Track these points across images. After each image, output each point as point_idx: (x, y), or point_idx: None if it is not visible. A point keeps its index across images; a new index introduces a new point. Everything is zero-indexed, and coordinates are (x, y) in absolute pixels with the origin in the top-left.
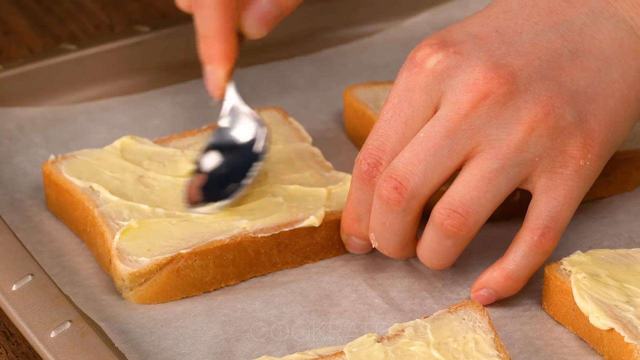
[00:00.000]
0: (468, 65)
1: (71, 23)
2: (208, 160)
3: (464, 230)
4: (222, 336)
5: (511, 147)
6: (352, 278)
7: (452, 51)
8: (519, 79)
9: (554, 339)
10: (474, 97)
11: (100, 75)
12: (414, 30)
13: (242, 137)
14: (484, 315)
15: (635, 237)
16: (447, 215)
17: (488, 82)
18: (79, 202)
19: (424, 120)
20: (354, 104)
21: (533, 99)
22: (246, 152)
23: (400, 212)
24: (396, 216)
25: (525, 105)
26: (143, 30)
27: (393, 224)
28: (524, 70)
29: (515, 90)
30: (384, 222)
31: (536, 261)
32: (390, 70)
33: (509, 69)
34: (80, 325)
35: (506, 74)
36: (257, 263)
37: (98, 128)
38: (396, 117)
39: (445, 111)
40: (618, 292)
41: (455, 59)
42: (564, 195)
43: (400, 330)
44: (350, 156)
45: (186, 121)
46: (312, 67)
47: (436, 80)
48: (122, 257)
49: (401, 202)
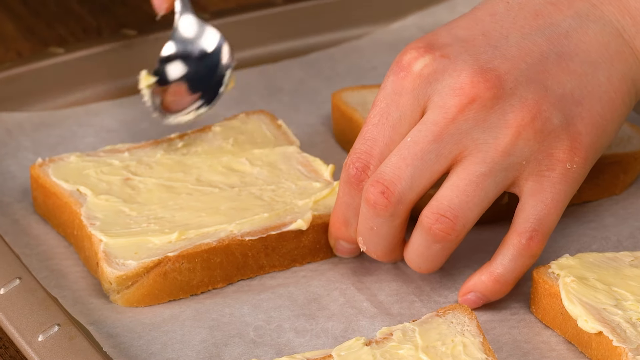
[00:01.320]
0: (454, 69)
1: (59, 27)
2: (171, 69)
3: (452, 235)
4: (210, 341)
5: (499, 150)
6: (340, 282)
7: (438, 54)
8: (505, 83)
9: (542, 342)
10: (461, 101)
11: (89, 79)
12: (402, 33)
13: (199, 45)
14: (473, 319)
15: (624, 240)
16: (436, 219)
17: (475, 86)
18: (66, 205)
19: (412, 124)
20: (342, 107)
21: (520, 102)
22: (209, 60)
23: (387, 217)
24: (384, 221)
25: (511, 109)
26: (130, 34)
27: (380, 229)
28: (510, 73)
29: (501, 94)
30: (372, 227)
31: (524, 264)
32: (378, 73)
33: (495, 73)
34: (68, 328)
35: (493, 78)
36: (244, 266)
37: (86, 132)
38: (384, 121)
39: (433, 115)
40: (606, 296)
41: (442, 63)
42: (551, 198)
43: (388, 333)
44: (339, 160)
45: (174, 125)
46: (300, 71)
47: (423, 84)
48: (109, 260)
49: (388, 207)
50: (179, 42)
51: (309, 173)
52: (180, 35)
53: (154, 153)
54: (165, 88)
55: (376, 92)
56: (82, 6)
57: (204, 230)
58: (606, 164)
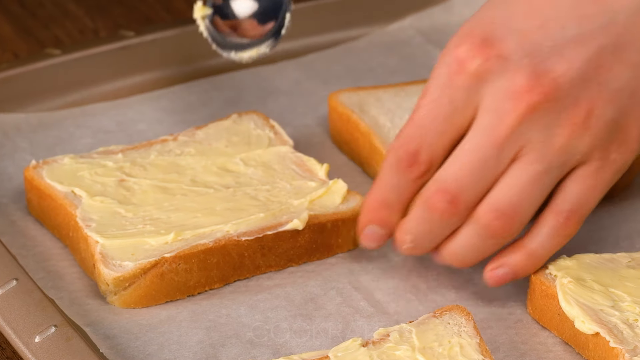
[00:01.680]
0: (510, 71)
1: (56, 28)
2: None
3: (510, 231)
4: (207, 342)
5: (555, 149)
6: (337, 281)
7: (494, 54)
8: (561, 86)
9: (539, 343)
10: (516, 106)
11: (86, 80)
12: (398, 34)
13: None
14: (469, 320)
15: (621, 241)
16: (495, 217)
17: (530, 91)
18: (61, 207)
19: (464, 119)
20: (339, 109)
21: (574, 102)
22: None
23: (452, 222)
24: (446, 225)
25: (566, 109)
26: (128, 35)
27: (440, 231)
28: (565, 75)
29: (556, 97)
30: (430, 230)
31: (558, 243)
32: (375, 74)
33: (551, 76)
34: (65, 330)
35: (548, 81)
36: (241, 266)
37: (83, 133)
38: (436, 111)
39: (488, 119)
40: (603, 297)
41: (497, 63)
42: (594, 184)
43: (385, 334)
44: (335, 160)
45: (170, 126)
46: (296, 72)
47: (477, 84)
48: (106, 262)
49: (455, 214)
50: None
51: (304, 172)
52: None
53: (147, 154)
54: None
55: (373, 94)
56: (79, 7)
57: (200, 231)
58: None
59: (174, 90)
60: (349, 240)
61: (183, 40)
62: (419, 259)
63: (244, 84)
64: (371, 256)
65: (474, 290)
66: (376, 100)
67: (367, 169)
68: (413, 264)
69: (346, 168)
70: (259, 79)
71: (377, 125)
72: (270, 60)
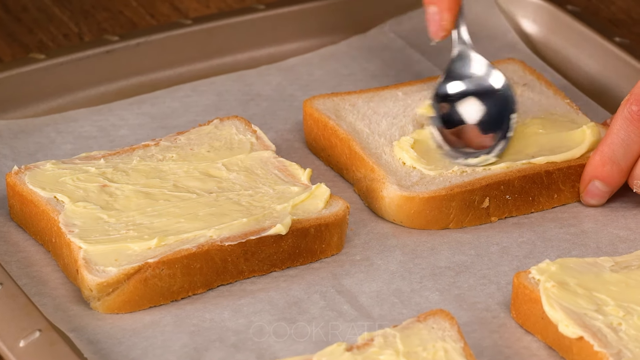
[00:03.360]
0: None
1: (40, 32)
2: (458, 107)
3: None
4: (191, 346)
5: None
6: (320, 285)
7: None
8: None
9: (523, 347)
10: None
11: (70, 84)
12: (379, 38)
13: (487, 84)
14: (453, 324)
15: (603, 247)
16: None
17: None
18: (44, 212)
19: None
20: (314, 115)
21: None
22: (491, 100)
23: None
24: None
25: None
26: (112, 40)
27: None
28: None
29: None
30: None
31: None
32: (356, 78)
33: None
34: (50, 334)
35: None
36: (224, 271)
37: (65, 139)
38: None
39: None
40: (587, 301)
41: None
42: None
43: (369, 339)
44: (318, 165)
45: (153, 131)
46: (278, 76)
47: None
48: (89, 267)
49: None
50: (459, 77)
51: (286, 177)
52: (460, 71)
53: (130, 160)
54: (453, 131)
55: (348, 99)
56: (63, 12)
57: (183, 236)
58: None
59: (156, 95)
60: (332, 245)
61: (167, 45)
62: (401, 262)
63: (226, 89)
64: (354, 260)
65: (458, 293)
66: (351, 106)
67: (345, 174)
68: (396, 267)
69: (329, 173)
70: (240, 84)
71: (355, 131)
72: (253, 64)
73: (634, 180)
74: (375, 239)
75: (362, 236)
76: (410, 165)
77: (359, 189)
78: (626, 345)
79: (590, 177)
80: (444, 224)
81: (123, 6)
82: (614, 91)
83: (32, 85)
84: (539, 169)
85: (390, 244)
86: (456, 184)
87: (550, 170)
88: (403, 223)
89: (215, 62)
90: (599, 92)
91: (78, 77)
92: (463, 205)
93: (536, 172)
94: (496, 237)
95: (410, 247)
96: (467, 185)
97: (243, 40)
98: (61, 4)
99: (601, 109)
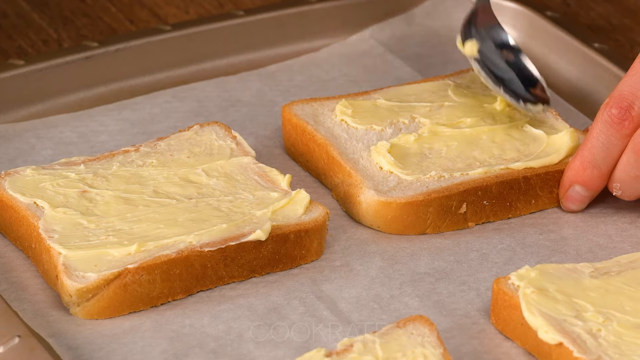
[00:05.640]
0: None
1: (19, 38)
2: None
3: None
4: (170, 351)
5: None
6: (300, 290)
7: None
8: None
9: (502, 353)
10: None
11: (49, 91)
12: (359, 45)
13: None
14: (433, 330)
15: (583, 253)
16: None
17: None
18: (24, 218)
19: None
20: (293, 120)
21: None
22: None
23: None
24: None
25: None
26: (91, 46)
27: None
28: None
29: None
30: (637, 175)
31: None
32: (337, 84)
33: None
34: (29, 340)
35: None
36: (203, 277)
37: (45, 144)
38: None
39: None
40: (567, 307)
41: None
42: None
43: (349, 345)
44: (298, 171)
45: (132, 137)
46: (258, 82)
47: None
48: (69, 273)
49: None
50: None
51: (266, 183)
52: None
53: (109, 165)
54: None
55: (326, 104)
56: (43, 18)
57: (162, 242)
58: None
59: (136, 101)
60: (312, 251)
61: (146, 51)
62: (381, 268)
63: (206, 95)
64: (334, 266)
65: (437, 299)
66: (330, 111)
67: (323, 180)
68: (376, 273)
69: (308, 179)
70: (220, 89)
71: (333, 136)
72: (233, 71)
73: (614, 183)
74: (354, 245)
75: (342, 242)
76: (388, 170)
77: (337, 194)
78: (605, 351)
79: (571, 181)
80: (421, 229)
81: (102, 12)
82: (593, 97)
83: (12, 91)
84: (516, 175)
85: (369, 249)
86: (433, 189)
87: (528, 176)
88: (380, 228)
89: (194, 68)
90: (578, 98)
91: (58, 83)
92: (440, 211)
93: (514, 177)
94: (476, 244)
95: (390, 253)
96: (445, 191)
97: (223, 46)
98: (40, 10)
99: (580, 114)
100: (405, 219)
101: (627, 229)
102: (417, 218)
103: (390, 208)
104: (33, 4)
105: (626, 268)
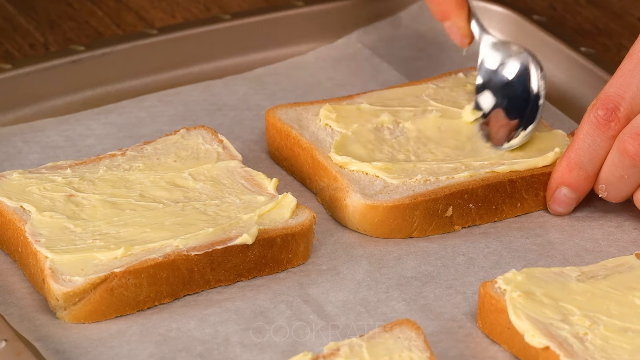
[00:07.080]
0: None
1: (6, 42)
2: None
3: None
4: (157, 355)
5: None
6: (287, 294)
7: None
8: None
9: (489, 357)
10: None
11: (36, 95)
12: (345, 48)
13: (510, 73)
14: (420, 334)
15: (569, 257)
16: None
17: None
18: (10, 222)
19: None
20: (277, 125)
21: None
22: (518, 83)
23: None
24: (638, 170)
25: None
26: (78, 50)
27: (632, 177)
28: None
29: None
30: (622, 175)
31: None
32: (323, 87)
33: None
34: (15, 344)
35: None
36: (190, 281)
37: (31, 148)
38: (639, 69)
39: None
40: (553, 311)
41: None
42: None
43: (335, 349)
44: (284, 175)
45: (119, 141)
46: (244, 86)
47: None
48: (55, 277)
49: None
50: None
51: (253, 187)
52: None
53: (96, 169)
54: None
55: (310, 109)
56: (29, 22)
57: (149, 246)
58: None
59: (122, 105)
60: (299, 254)
61: (133, 55)
62: (368, 271)
63: (193, 99)
64: (321, 270)
65: (424, 303)
66: (314, 116)
67: (308, 184)
68: (363, 277)
69: (295, 182)
70: (207, 93)
71: (318, 141)
72: (220, 74)
73: (599, 184)
74: (341, 249)
75: (329, 246)
76: (373, 174)
77: (322, 198)
78: (592, 355)
79: (558, 184)
80: (407, 233)
81: (89, 16)
82: (579, 101)
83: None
84: (502, 178)
85: (356, 253)
86: (419, 193)
87: (514, 179)
88: (366, 232)
89: (181, 72)
90: (565, 101)
91: (44, 87)
92: (426, 214)
93: (499, 180)
94: (462, 247)
95: (377, 256)
96: (431, 194)
97: (209, 50)
98: (27, 14)
99: (567, 118)
100: (392, 222)
101: (614, 233)
102: (404, 221)
103: (376, 212)
104: (20, 7)
105: (613, 272)
